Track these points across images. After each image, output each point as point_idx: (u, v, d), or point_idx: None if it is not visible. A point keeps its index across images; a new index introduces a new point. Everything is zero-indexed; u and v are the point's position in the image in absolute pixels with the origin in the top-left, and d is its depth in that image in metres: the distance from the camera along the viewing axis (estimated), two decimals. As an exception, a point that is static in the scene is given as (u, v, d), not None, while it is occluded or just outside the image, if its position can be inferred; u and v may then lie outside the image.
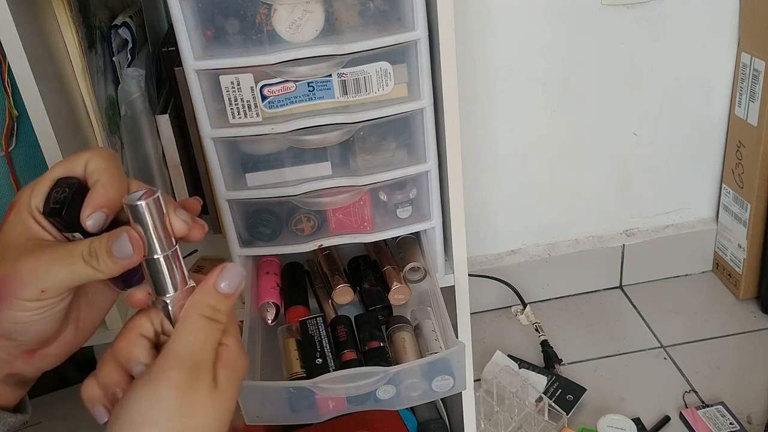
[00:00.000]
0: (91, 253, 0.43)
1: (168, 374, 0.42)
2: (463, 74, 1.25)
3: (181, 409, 0.42)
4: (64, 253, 0.43)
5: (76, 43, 0.82)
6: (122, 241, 0.42)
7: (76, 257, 0.43)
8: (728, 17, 1.32)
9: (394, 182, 0.82)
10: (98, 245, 0.43)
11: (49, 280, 0.42)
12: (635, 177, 1.46)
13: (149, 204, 0.43)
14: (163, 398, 0.41)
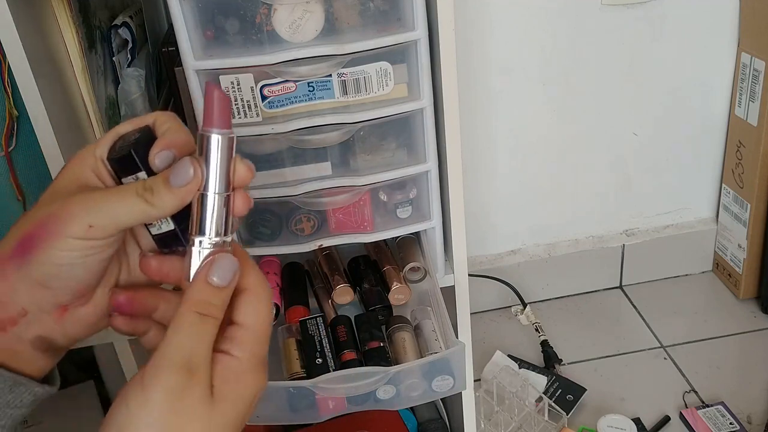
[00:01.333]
0: (146, 187, 0.41)
1: (159, 377, 0.40)
2: (463, 74, 1.25)
3: (171, 414, 0.39)
4: (118, 189, 0.42)
5: (76, 43, 0.82)
6: (183, 168, 0.41)
7: (129, 191, 0.42)
8: (728, 17, 1.32)
9: (394, 182, 0.82)
10: (154, 179, 0.42)
11: (98, 214, 0.41)
12: (635, 177, 1.46)
13: (222, 139, 0.42)
14: (152, 402, 0.39)
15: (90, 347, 1.19)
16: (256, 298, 0.44)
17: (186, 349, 0.41)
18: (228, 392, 0.42)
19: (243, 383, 0.42)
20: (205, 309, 0.42)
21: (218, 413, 0.41)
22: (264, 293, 0.44)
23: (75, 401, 1.16)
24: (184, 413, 0.40)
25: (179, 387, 0.40)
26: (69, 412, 1.14)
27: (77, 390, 1.18)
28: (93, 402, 1.17)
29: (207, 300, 0.42)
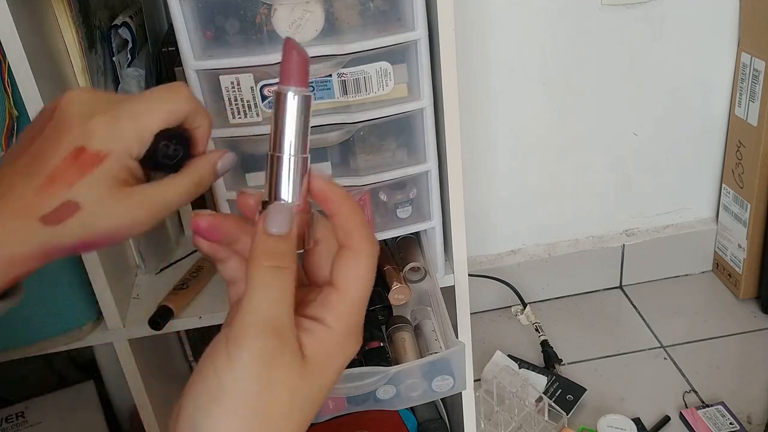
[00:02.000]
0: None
1: (246, 344, 0.36)
2: (463, 74, 1.25)
3: (261, 384, 0.36)
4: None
5: (76, 43, 0.82)
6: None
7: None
8: (728, 17, 1.32)
9: (394, 182, 0.82)
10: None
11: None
12: (635, 177, 1.46)
13: (300, 97, 0.42)
14: (240, 371, 0.36)
15: (90, 347, 1.19)
16: (357, 259, 0.39)
17: (265, 308, 0.37)
18: (319, 364, 0.38)
19: (335, 356, 0.39)
20: (272, 259, 0.38)
21: (306, 384, 0.38)
22: (367, 255, 0.40)
23: (75, 401, 1.16)
24: (275, 382, 0.37)
25: (267, 353, 0.36)
26: (69, 412, 1.14)
27: (77, 390, 1.18)
28: (93, 402, 1.17)
29: (271, 249, 0.39)
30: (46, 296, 0.86)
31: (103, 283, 0.86)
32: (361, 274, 0.39)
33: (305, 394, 0.37)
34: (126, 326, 0.91)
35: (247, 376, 0.36)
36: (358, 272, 0.39)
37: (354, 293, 0.39)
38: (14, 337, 0.89)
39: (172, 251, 1.06)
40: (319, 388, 0.38)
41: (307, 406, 0.38)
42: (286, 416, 0.37)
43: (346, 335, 0.39)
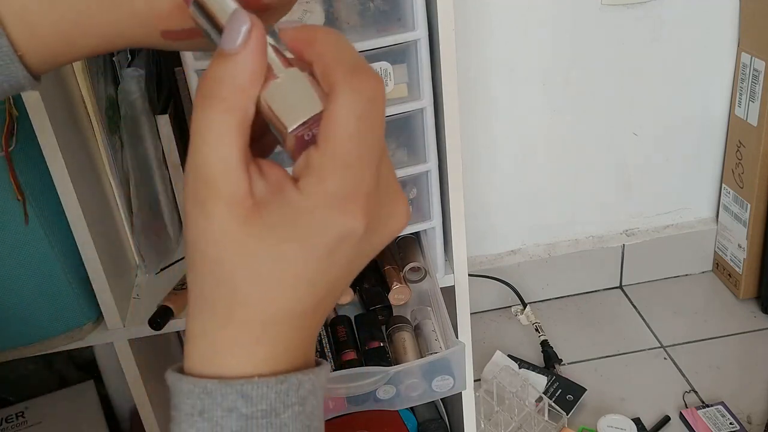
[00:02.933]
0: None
1: (184, 194, 0.32)
2: (463, 74, 1.25)
3: (196, 239, 0.31)
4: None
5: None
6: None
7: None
8: (728, 17, 1.32)
9: (394, 182, 0.82)
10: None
11: None
12: (635, 177, 1.46)
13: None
14: (188, 229, 0.32)
15: (90, 347, 1.19)
16: (338, 103, 0.30)
17: (194, 155, 0.30)
18: (282, 230, 0.30)
19: (306, 223, 0.30)
20: (209, 89, 0.30)
21: (267, 247, 0.30)
22: (347, 93, 0.30)
23: (75, 401, 1.16)
24: (215, 241, 0.30)
25: (198, 215, 0.30)
26: (69, 412, 1.14)
27: (77, 390, 1.18)
28: (93, 402, 1.16)
29: (213, 76, 0.31)
30: (46, 296, 0.86)
31: (103, 283, 0.86)
32: (341, 125, 0.30)
33: (267, 259, 0.30)
34: (126, 326, 0.91)
35: (187, 228, 0.31)
36: (339, 123, 0.30)
37: (334, 151, 0.30)
38: (14, 337, 0.89)
39: (172, 251, 1.06)
40: (305, 263, 0.30)
41: (258, 266, 0.30)
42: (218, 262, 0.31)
43: (323, 201, 0.30)
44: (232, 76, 0.30)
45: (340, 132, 0.30)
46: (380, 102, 0.31)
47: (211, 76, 0.31)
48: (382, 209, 0.32)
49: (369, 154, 0.30)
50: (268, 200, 0.30)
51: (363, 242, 0.31)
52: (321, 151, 0.30)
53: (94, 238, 0.83)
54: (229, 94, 0.30)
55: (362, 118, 0.30)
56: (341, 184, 0.30)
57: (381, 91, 0.31)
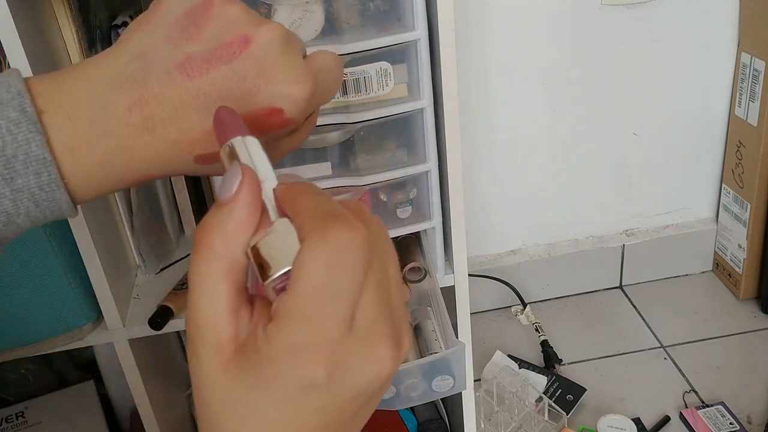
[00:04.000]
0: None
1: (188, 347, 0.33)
2: (463, 74, 1.25)
3: (194, 381, 0.32)
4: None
5: (76, 43, 0.82)
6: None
7: None
8: (728, 17, 1.32)
9: (394, 182, 0.82)
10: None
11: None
12: (635, 177, 1.46)
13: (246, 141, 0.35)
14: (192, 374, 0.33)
15: (90, 347, 1.19)
16: (304, 247, 0.30)
17: (189, 300, 0.32)
18: (252, 376, 0.30)
19: (269, 371, 0.30)
20: (199, 237, 0.32)
21: (244, 391, 0.31)
22: (313, 240, 0.30)
23: (75, 401, 1.16)
24: (204, 385, 0.32)
25: (192, 357, 0.32)
26: (69, 412, 1.14)
27: (77, 390, 1.18)
28: (93, 402, 1.17)
29: (204, 224, 0.32)
30: (46, 296, 0.86)
31: (103, 283, 0.86)
32: (306, 271, 0.29)
33: (228, 399, 0.31)
34: (126, 326, 0.91)
35: (193, 379, 0.33)
36: (304, 269, 0.30)
37: (299, 293, 0.29)
38: (14, 337, 0.89)
39: (172, 251, 1.06)
40: (251, 403, 0.30)
41: (230, 411, 0.31)
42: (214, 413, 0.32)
43: (283, 350, 0.29)
44: (220, 226, 0.31)
45: (303, 281, 0.30)
46: (355, 251, 0.30)
47: (203, 224, 0.32)
48: (353, 357, 0.30)
49: (335, 303, 0.30)
50: (245, 346, 0.31)
51: (333, 391, 0.30)
52: (286, 298, 0.30)
53: (94, 238, 0.83)
54: (217, 243, 0.31)
55: (330, 267, 0.29)
56: (301, 334, 0.29)
57: (357, 240, 0.30)
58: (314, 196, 0.32)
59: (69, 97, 0.36)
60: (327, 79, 0.40)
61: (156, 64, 0.36)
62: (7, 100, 0.35)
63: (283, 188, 0.33)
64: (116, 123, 0.36)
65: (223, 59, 0.37)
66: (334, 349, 0.30)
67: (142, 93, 0.36)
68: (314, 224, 0.30)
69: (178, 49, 0.37)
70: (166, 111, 0.36)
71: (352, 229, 0.30)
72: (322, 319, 0.30)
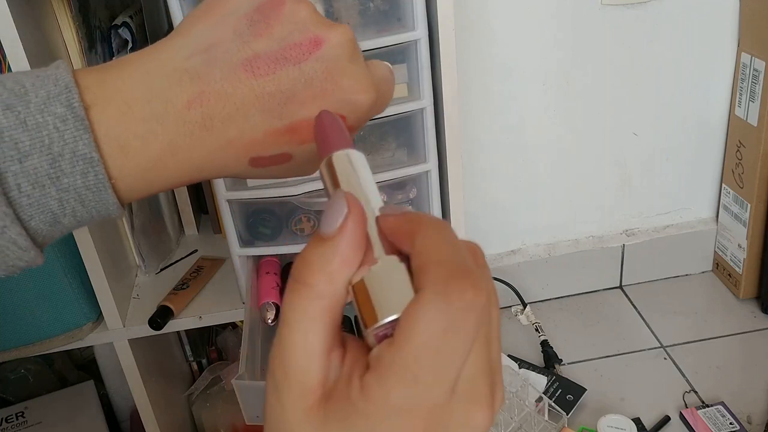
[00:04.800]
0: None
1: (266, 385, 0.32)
2: (462, 74, 1.25)
3: (267, 420, 0.31)
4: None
5: (76, 43, 0.82)
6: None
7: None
8: (728, 17, 1.32)
9: (394, 182, 0.82)
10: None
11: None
12: (635, 177, 1.46)
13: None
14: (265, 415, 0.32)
15: (90, 347, 1.19)
16: (420, 301, 0.27)
17: (279, 336, 0.30)
18: (338, 427, 0.28)
19: (360, 426, 0.28)
20: (299, 273, 0.29)
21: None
22: (434, 294, 0.27)
23: (75, 401, 1.16)
24: (284, 428, 0.30)
25: (272, 396, 0.30)
26: (69, 412, 1.14)
27: (77, 390, 1.18)
28: (93, 402, 1.17)
29: (305, 259, 0.30)
30: (47, 297, 0.86)
31: (103, 283, 0.86)
32: (422, 331, 0.27)
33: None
34: (126, 326, 0.91)
35: (265, 403, 0.31)
36: (419, 327, 0.27)
37: (409, 355, 0.27)
38: (14, 337, 0.89)
39: (172, 251, 1.06)
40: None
41: None
42: None
43: (383, 409, 0.27)
44: (323, 262, 0.29)
45: (415, 339, 0.27)
46: (476, 316, 0.27)
47: (303, 258, 0.30)
48: (452, 421, 0.28)
49: (446, 368, 0.27)
50: (335, 392, 0.29)
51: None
52: (393, 351, 0.27)
53: (94, 238, 0.83)
54: (318, 280, 0.29)
55: (448, 330, 0.27)
56: (405, 395, 0.27)
57: (480, 304, 0.27)
58: (440, 236, 0.29)
59: (122, 91, 0.34)
60: (385, 89, 0.39)
61: (221, 59, 0.35)
62: (55, 95, 0.33)
63: (397, 221, 0.30)
64: (173, 120, 0.34)
65: (291, 60, 0.35)
66: (435, 413, 0.28)
67: (203, 88, 0.35)
68: (438, 275, 0.27)
69: (246, 45, 0.35)
70: (227, 109, 0.35)
71: (477, 290, 0.27)
72: (431, 384, 0.27)
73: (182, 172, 0.36)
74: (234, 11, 0.36)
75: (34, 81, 0.34)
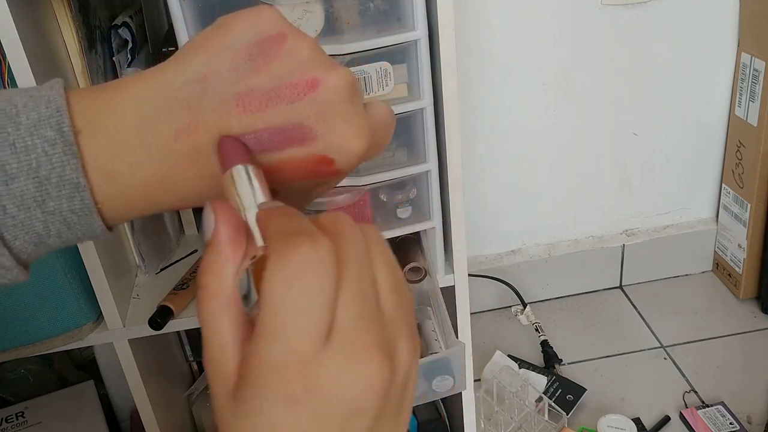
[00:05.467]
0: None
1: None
2: (463, 74, 1.25)
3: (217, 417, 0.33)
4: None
5: (76, 43, 0.82)
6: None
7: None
8: (728, 17, 1.32)
9: (394, 182, 0.82)
10: None
11: None
12: (635, 177, 1.46)
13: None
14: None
15: (90, 347, 1.19)
16: (270, 266, 0.30)
17: (203, 343, 0.33)
18: (241, 398, 0.31)
19: (253, 392, 0.30)
20: (198, 279, 0.32)
21: (240, 415, 0.31)
22: (280, 258, 0.30)
23: (75, 401, 1.16)
24: (217, 416, 0.32)
25: (213, 402, 0.32)
26: (69, 412, 1.14)
27: (77, 390, 1.18)
28: (93, 402, 1.17)
29: (200, 266, 0.33)
30: (46, 297, 0.86)
31: (103, 283, 0.86)
32: (269, 287, 0.29)
33: (231, 426, 0.31)
34: (126, 326, 0.91)
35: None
36: (266, 281, 0.30)
37: (265, 311, 0.29)
38: (14, 337, 0.89)
39: (172, 251, 1.06)
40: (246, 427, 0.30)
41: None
42: None
43: (259, 366, 0.29)
44: (209, 264, 0.32)
45: (267, 302, 0.29)
46: (316, 266, 0.29)
47: (201, 266, 0.32)
48: (333, 371, 0.30)
49: (301, 319, 0.29)
50: (239, 373, 0.31)
51: (317, 405, 0.30)
52: (258, 320, 0.30)
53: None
54: (210, 280, 0.32)
55: (291, 286, 0.29)
56: (272, 352, 0.29)
57: (318, 256, 0.30)
58: (284, 218, 0.32)
59: (113, 117, 0.34)
60: (381, 135, 0.39)
61: (214, 91, 0.35)
62: (46, 117, 0.33)
63: (260, 214, 0.33)
64: (160, 149, 0.35)
65: (285, 99, 0.35)
66: (307, 364, 0.29)
67: (192, 119, 0.34)
68: (277, 245, 0.30)
69: (242, 80, 0.35)
70: (214, 143, 0.35)
71: (313, 245, 0.30)
72: (290, 337, 0.29)
73: (169, 200, 0.37)
74: (234, 43, 0.35)
75: (26, 102, 0.34)
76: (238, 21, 0.36)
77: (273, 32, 0.35)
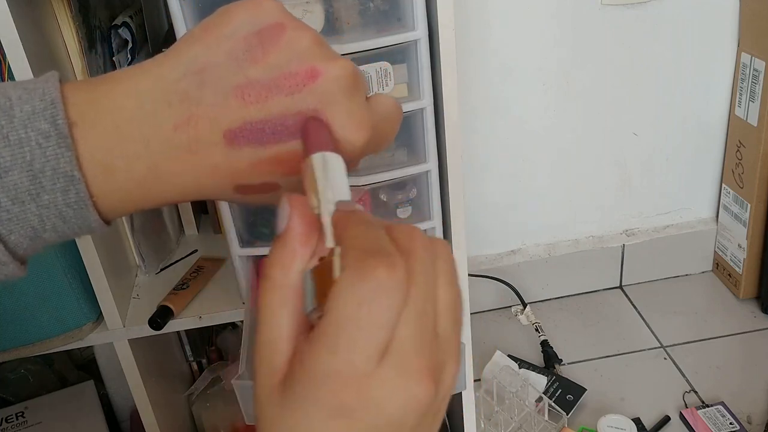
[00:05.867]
0: None
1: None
2: (463, 74, 1.25)
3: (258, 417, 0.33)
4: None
5: (76, 43, 0.82)
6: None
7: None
8: (728, 17, 1.32)
9: (395, 182, 0.82)
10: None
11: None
12: (635, 177, 1.46)
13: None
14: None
15: (90, 347, 1.19)
16: (340, 278, 0.30)
17: (257, 332, 0.33)
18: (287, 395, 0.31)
19: (300, 393, 0.30)
20: (263, 269, 0.32)
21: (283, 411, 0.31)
22: (351, 272, 0.30)
23: (75, 401, 1.16)
24: (256, 406, 0.32)
25: (254, 380, 0.32)
26: (69, 412, 1.14)
27: (77, 390, 1.18)
28: (93, 402, 1.17)
29: (268, 257, 0.33)
30: (46, 297, 0.86)
31: (103, 283, 0.86)
32: (339, 300, 0.29)
33: (271, 419, 0.31)
34: (126, 326, 0.91)
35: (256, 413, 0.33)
36: (337, 293, 0.30)
37: (330, 320, 0.29)
38: (14, 337, 0.89)
39: (172, 251, 1.06)
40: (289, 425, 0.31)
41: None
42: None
43: (313, 371, 0.30)
44: (277, 256, 0.32)
45: (333, 313, 0.30)
46: (389, 291, 0.29)
47: (268, 256, 0.33)
48: (383, 389, 0.30)
49: (364, 337, 0.30)
50: (289, 370, 0.32)
51: (362, 419, 0.30)
52: (321, 323, 0.30)
53: (94, 238, 0.83)
54: (275, 273, 0.32)
55: (362, 304, 0.29)
56: (329, 362, 0.30)
57: (393, 281, 0.30)
58: (361, 228, 0.31)
59: (110, 109, 0.34)
60: (385, 128, 0.38)
61: (213, 83, 0.34)
62: (40, 110, 0.33)
63: (337, 217, 0.33)
64: (159, 142, 0.34)
65: (284, 89, 0.34)
66: (362, 379, 0.30)
67: (192, 111, 0.34)
68: (355, 258, 0.30)
69: (241, 71, 0.34)
70: (214, 134, 0.34)
71: (389, 270, 0.30)
72: (349, 352, 0.29)
73: (166, 194, 0.36)
74: (232, 34, 0.35)
75: (21, 94, 0.33)
76: (237, 11, 0.35)
77: (272, 22, 0.35)
